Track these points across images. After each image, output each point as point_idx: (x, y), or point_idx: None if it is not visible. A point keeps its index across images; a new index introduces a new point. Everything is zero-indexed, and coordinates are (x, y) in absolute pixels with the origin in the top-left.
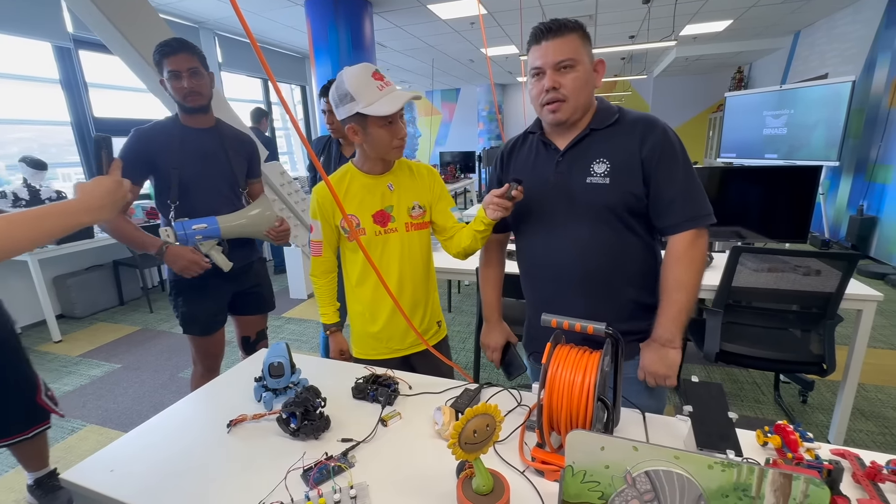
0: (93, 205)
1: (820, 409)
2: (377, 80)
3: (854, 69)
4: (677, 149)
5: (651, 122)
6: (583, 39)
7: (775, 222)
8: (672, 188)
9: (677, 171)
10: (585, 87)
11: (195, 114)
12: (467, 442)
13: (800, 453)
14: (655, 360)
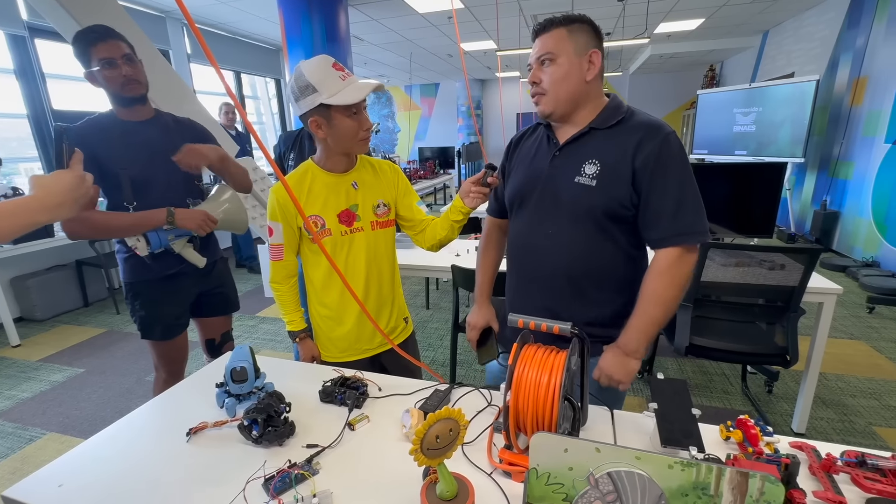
0: (50, 202)
1: (784, 398)
2: (337, 70)
3: (818, 68)
4: (676, 160)
5: (654, 129)
6: (571, 33)
7: (743, 218)
8: (662, 200)
9: (671, 182)
10: (566, 80)
11: (134, 105)
12: (430, 448)
13: (760, 447)
14: (615, 364)
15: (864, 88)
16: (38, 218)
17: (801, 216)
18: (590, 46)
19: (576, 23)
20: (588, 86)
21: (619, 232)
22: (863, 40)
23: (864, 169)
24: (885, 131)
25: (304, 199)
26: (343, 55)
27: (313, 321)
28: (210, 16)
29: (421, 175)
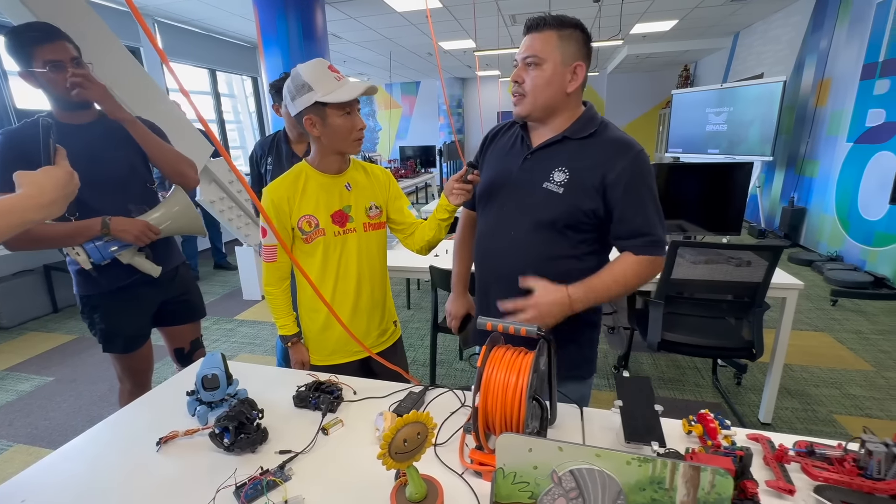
0: (44, 200)
1: (752, 390)
2: (333, 72)
3: (785, 70)
4: (645, 178)
5: (626, 146)
6: (563, 38)
7: (713, 216)
8: (635, 214)
9: (643, 199)
10: (548, 87)
11: (78, 110)
12: (398, 451)
13: (718, 440)
14: (553, 305)
15: (827, 89)
16: (33, 216)
17: (770, 212)
18: (577, 58)
19: (568, 28)
20: (568, 96)
21: (577, 240)
22: (826, 43)
23: (829, 167)
24: (847, 131)
25: (298, 199)
26: (321, 53)
27: (303, 324)
28: (183, 12)
29: (402, 174)
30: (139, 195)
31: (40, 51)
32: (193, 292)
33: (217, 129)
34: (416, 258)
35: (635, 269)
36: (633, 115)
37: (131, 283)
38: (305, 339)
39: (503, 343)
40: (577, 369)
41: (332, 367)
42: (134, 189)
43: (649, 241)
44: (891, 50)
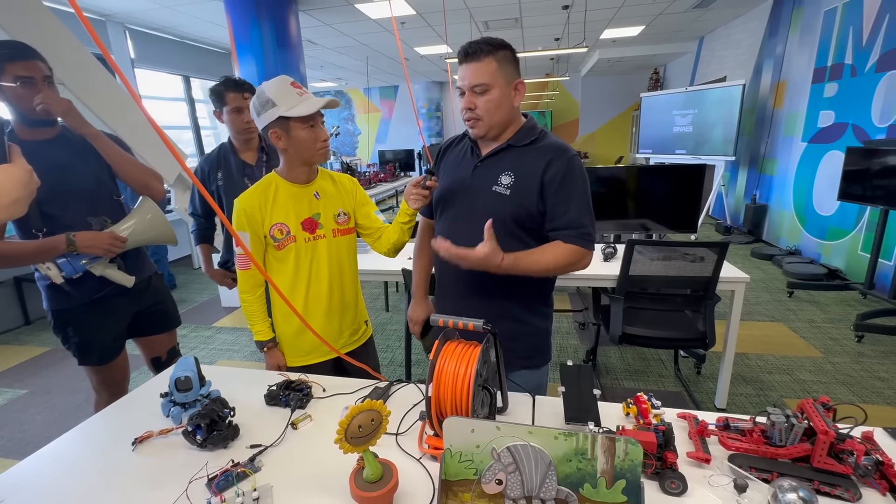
0: (5, 200)
1: (711, 378)
2: (295, 88)
3: (746, 73)
4: (577, 177)
5: (561, 150)
6: (500, 62)
7: (674, 215)
8: (566, 207)
9: (573, 195)
10: (499, 108)
11: (41, 126)
12: (353, 437)
13: (649, 419)
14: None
15: (783, 92)
16: None
17: (735, 210)
18: (515, 76)
19: (500, 50)
20: (515, 110)
21: (527, 238)
22: (781, 48)
23: (787, 165)
24: (801, 131)
25: (270, 208)
26: (295, 59)
27: (278, 327)
28: (154, 20)
29: (381, 178)
30: (106, 208)
31: (12, 67)
32: (167, 301)
33: (192, 134)
34: (391, 262)
35: (561, 256)
36: (607, 117)
37: (105, 295)
38: (281, 341)
39: (457, 338)
40: (529, 359)
41: (308, 367)
42: (101, 202)
43: (578, 233)
44: (838, 55)
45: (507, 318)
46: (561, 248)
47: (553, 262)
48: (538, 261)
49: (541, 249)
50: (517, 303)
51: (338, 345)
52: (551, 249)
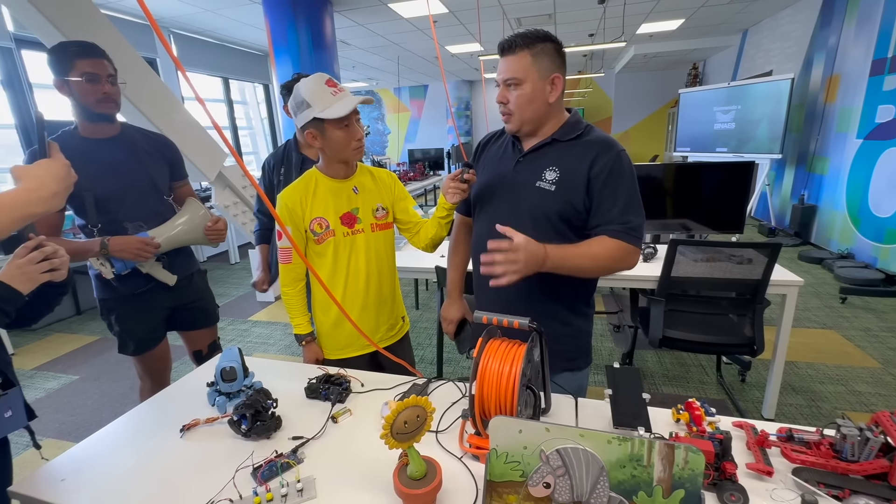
0: (45, 193)
1: (757, 386)
2: (330, 87)
3: (794, 67)
4: (625, 173)
5: (609, 144)
6: (536, 56)
7: (716, 214)
8: (612, 202)
9: (621, 191)
10: (531, 104)
11: (101, 122)
12: (399, 432)
13: (703, 426)
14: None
15: (836, 86)
16: (36, 210)
17: (781, 210)
18: (552, 70)
19: (539, 43)
20: (551, 106)
21: (573, 235)
22: (834, 39)
23: (839, 164)
24: (856, 127)
25: (310, 202)
26: (330, 60)
27: (317, 320)
28: (197, 23)
29: (411, 177)
30: (157, 208)
31: (80, 63)
32: (206, 300)
33: (230, 135)
34: (423, 259)
35: (608, 251)
36: (641, 115)
37: (146, 291)
38: (319, 334)
39: (500, 336)
40: (571, 361)
41: (343, 360)
42: (153, 202)
43: (625, 228)
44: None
45: (550, 318)
46: (607, 244)
47: (600, 257)
48: (584, 254)
49: (586, 244)
50: (561, 304)
51: (374, 339)
52: (597, 245)
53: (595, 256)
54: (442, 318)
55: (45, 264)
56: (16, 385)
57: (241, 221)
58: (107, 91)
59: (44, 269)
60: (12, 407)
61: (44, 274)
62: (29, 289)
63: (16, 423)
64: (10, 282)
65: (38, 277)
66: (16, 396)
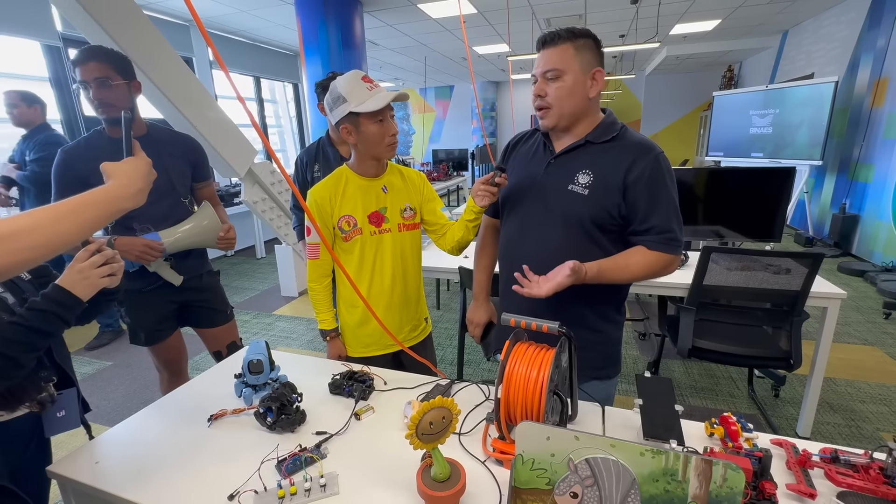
0: (133, 189)
1: (791, 402)
2: (366, 82)
3: (838, 69)
4: (664, 178)
5: (647, 148)
6: (578, 49)
7: (752, 222)
8: (651, 211)
9: (660, 197)
10: (571, 97)
11: (113, 126)
12: (424, 433)
13: (739, 443)
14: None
15: (885, 90)
16: (125, 205)
17: (819, 219)
18: (594, 65)
19: (581, 38)
20: (590, 102)
21: (605, 240)
22: (884, 41)
23: (885, 172)
24: None
25: (339, 200)
26: (358, 60)
27: (342, 318)
28: (231, 24)
29: (434, 177)
30: (172, 209)
31: (77, 71)
32: (215, 301)
33: None
34: (446, 259)
35: (645, 263)
36: (672, 118)
37: (154, 288)
38: (343, 332)
39: (527, 340)
40: (600, 369)
41: (366, 359)
42: (168, 202)
43: (664, 238)
44: None
45: (579, 324)
46: (646, 256)
47: (639, 270)
48: (623, 268)
49: (624, 256)
50: (591, 310)
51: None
52: (635, 257)
53: (634, 272)
54: (468, 322)
55: (105, 268)
56: (74, 384)
57: (268, 217)
58: (97, 97)
59: (104, 273)
60: (66, 407)
61: (103, 279)
62: (89, 294)
63: (68, 423)
64: (71, 287)
65: (99, 282)
66: (70, 397)
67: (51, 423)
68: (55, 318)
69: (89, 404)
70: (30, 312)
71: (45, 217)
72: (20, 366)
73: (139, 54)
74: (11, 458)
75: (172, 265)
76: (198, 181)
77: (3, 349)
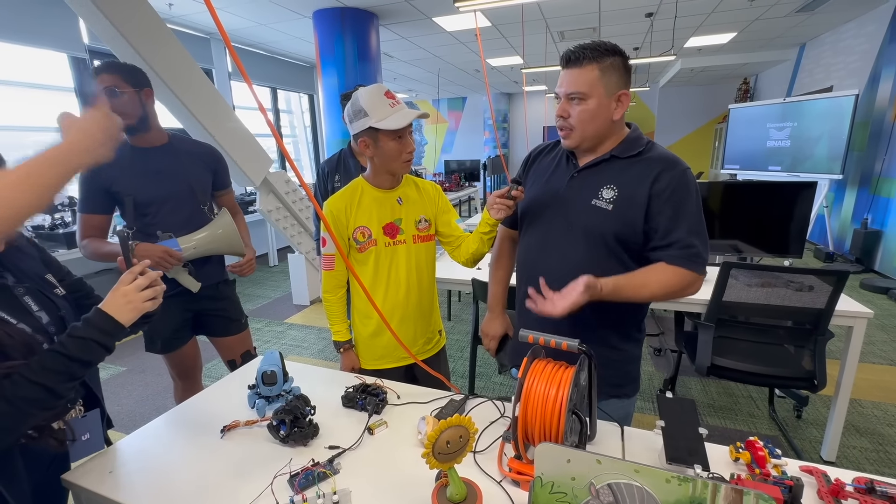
0: (91, 144)
1: (814, 424)
2: (389, 98)
3: (858, 82)
4: (689, 192)
5: (672, 162)
6: (604, 70)
7: (772, 237)
8: (673, 225)
9: (684, 211)
10: (594, 121)
11: (135, 134)
12: (441, 452)
13: (767, 469)
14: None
15: None
16: (83, 161)
17: (840, 235)
18: (619, 87)
19: (608, 57)
20: (614, 123)
21: (627, 258)
22: None
23: None
24: None
25: (354, 211)
26: (373, 72)
27: (355, 329)
28: (250, 36)
29: (447, 188)
30: (191, 216)
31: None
32: (230, 310)
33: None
34: (459, 270)
35: (667, 281)
36: (686, 130)
37: (171, 295)
38: (356, 343)
39: (544, 356)
40: (619, 388)
41: (379, 371)
42: (188, 210)
43: (686, 254)
44: None
45: (598, 341)
46: (666, 273)
47: (658, 289)
48: (642, 286)
49: (643, 273)
50: (611, 327)
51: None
52: (655, 274)
53: (652, 290)
54: (483, 334)
55: (149, 292)
56: (99, 404)
57: (282, 226)
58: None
59: (147, 297)
60: (91, 430)
61: (146, 303)
62: (132, 319)
63: (92, 447)
64: (116, 313)
65: (142, 307)
66: (95, 419)
67: (76, 447)
68: (97, 346)
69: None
70: (70, 340)
71: None
72: (59, 396)
73: (162, 67)
74: (36, 476)
75: (191, 272)
76: (218, 189)
77: (42, 380)
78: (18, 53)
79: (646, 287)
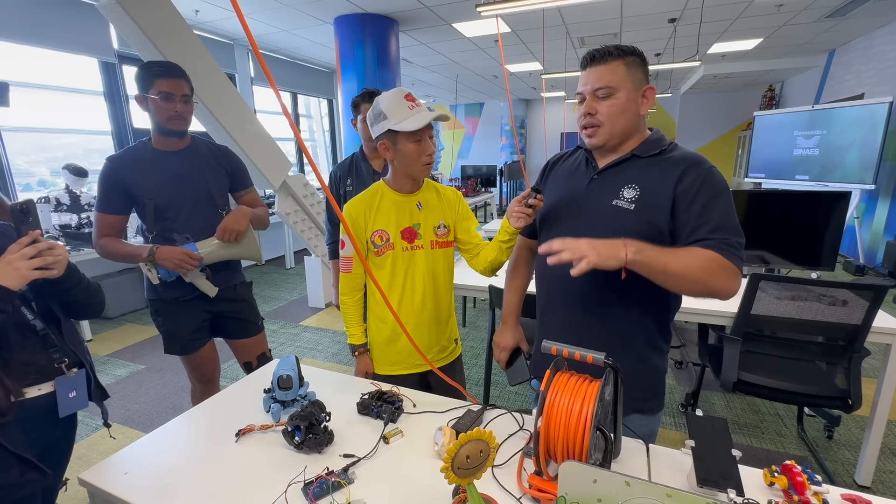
0: None
1: (847, 445)
2: (409, 101)
3: (892, 89)
4: (718, 189)
5: (697, 160)
6: (629, 66)
7: (801, 249)
8: (705, 220)
9: (714, 207)
10: (623, 115)
11: (171, 137)
12: (460, 467)
13: (806, 496)
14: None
15: None
16: None
17: (871, 247)
18: (644, 82)
19: (630, 56)
20: (640, 119)
21: None
22: None
23: None
24: None
25: (374, 214)
26: (392, 78)
27: (371, 333)
28: (272, 42)
29: (463, 193)
30: (210, 220)
31: (159, 82)
32: (247, 312)
33: (294, 147)
34: (475, 276)
35: (702, 263)
36: (708, 138)
37: (189, 299)
38: (371, 348)
39: (566, 368)
40: (644, 402)
41: (393, 377)
42: (206, 214)
43: (720, 244)
44: None
45: (623, 353)
46: (700, 255)
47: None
48: (674, 255)
49: (675, 251)
50: (638, 334)
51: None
52: (690, 254)
53: (682, 268)
54: (494, 345)
55: (36, 261)
56: (85, 366)
57: (300, 229)
58: (178, 109)
59: (35, 265)
60: (77, 388)
61: (35, 270)
62: (19, 284)
63: (78, 403)
64: (2, 280)
65: (28, 274)
66: (81, 378)
67: (64, 402)
68: None
69: (107, 391)
70: None
71: None
72: None
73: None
74: (40, 435)
75: (208, 276)
76: (237, 190)
77: None
78: (50, 58)
79: (675, 264)
